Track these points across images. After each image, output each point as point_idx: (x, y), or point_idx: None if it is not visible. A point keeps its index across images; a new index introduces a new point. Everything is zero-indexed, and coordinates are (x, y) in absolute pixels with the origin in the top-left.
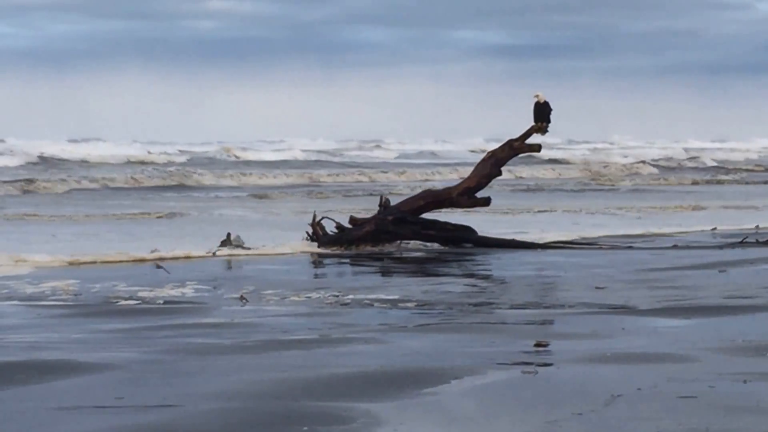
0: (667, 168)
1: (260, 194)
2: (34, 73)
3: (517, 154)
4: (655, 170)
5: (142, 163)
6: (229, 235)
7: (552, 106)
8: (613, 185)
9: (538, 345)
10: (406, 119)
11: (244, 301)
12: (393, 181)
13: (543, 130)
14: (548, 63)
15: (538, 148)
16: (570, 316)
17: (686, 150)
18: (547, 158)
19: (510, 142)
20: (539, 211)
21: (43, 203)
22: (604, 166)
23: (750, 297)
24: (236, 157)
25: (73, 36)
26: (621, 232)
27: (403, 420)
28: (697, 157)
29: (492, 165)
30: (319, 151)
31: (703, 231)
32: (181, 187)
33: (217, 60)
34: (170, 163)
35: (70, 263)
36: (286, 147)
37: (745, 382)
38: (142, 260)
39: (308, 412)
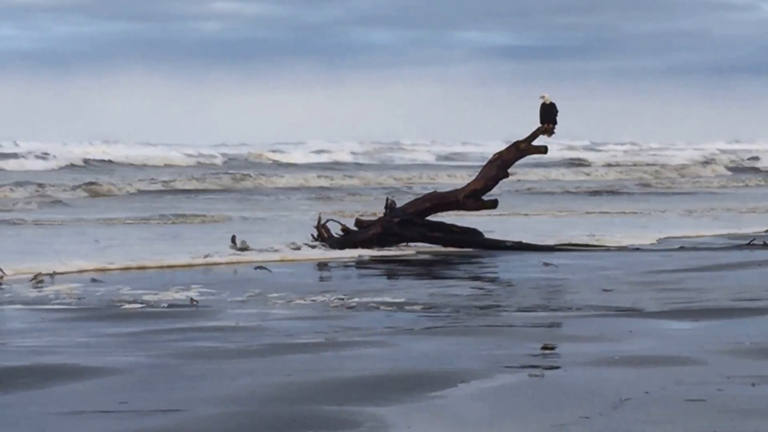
0: (737, 169)
1: (322, 196)
2: (38, 75)
3: (523, 156)
4: (726, 171)
5: (184, 165)
6: (234, 237)
7: (558, 107)
8: (705, 187)
9: (545, 348)
10: (414, 121)
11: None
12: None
13: (549, 131)
14: (554, 64)
15: (544, 149)
16: (577, 318)
17: (699, 150)
18: (602, 163)
19: (516, 144)
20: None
21: (121, 207)
22: (662, 167)
23: (758, 299)
24: (273, 160)
25: (77, 38)
26: None
27: (410, 424)
28: (757, 158)
29: (498, 167)
30: (353, 153)
31: None
32: (245, 190)
33: (223, 62)
34: (212, 166)
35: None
36: (313, 149)
37: (753, 385)
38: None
39: (314, 417)
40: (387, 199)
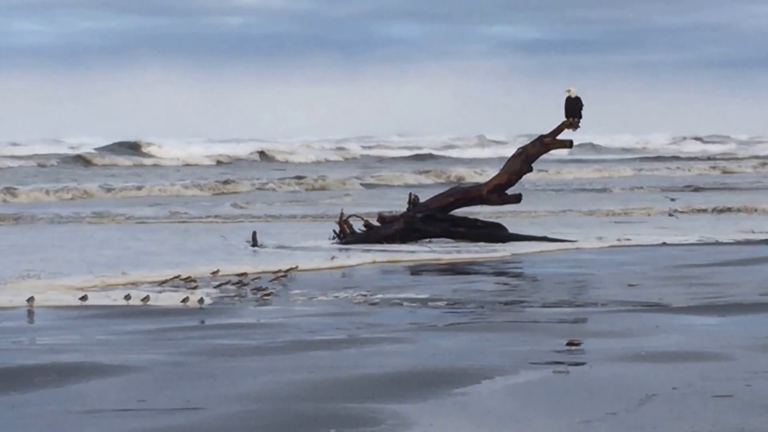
0: None
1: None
2: (59, 70)
3: (548, 150)
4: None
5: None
6: (254, 233)
7: (583, 102)
8: None
9: (570, 344)
10: (440, 114)
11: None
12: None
13: (574, 125)
14: (578, 58)
15: (569, 144)
16: (603, 314)
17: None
18: (655, 155)
19: (541, 138)
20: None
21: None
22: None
23: None
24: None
25: (98, 33)
26: None
27: (433, 421)
28: None
29: (522, 161)
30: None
31: None
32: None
33: (244, 56)
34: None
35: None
36: (376, 144)
37: None
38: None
39: (336, 414)
40: (410, 194)
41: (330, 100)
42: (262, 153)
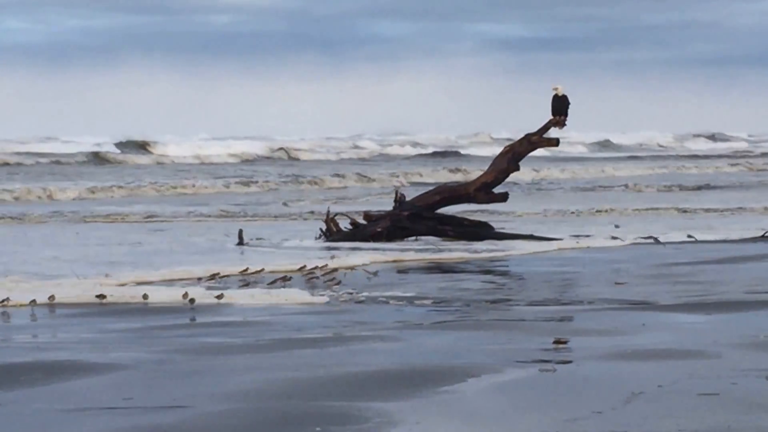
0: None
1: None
2: (45, 69)
3: (535, 149)
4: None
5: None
6: (240, 231)
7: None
8: None
9: (557, 342)
10: (427, 113)
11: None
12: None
13: (561, 123)
14: (566, 56)
15: (556, 142)
16: (589, 312)
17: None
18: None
19: (528, 137)
20: None
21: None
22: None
23: None
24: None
25: (85, 31)
26: None
27: (419, 420)
28: None
29: (509, 160)
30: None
31: None
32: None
33: (230, 55)
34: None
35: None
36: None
37: (767, 378)
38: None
39: (322, 412)
40: (396, 192)
41: (318, 97)
42: (280, 150)
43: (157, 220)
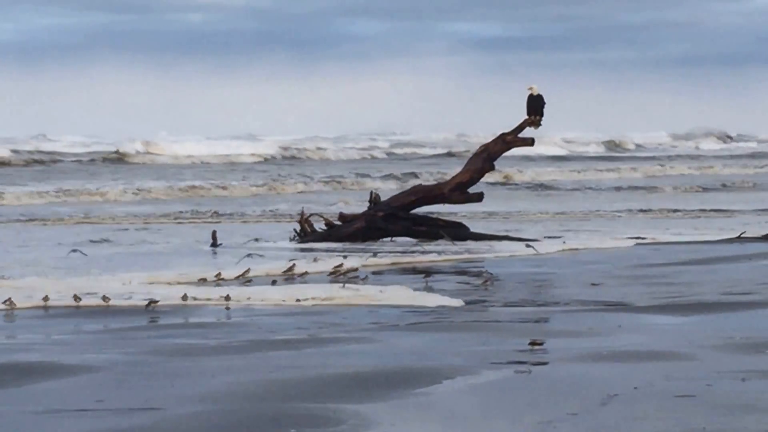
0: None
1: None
2: (15, 68)
3: (510, 148)
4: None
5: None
6: (214, 233)
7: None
8: None
9: (532, 343)
10: (406, 112)
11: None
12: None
13: (536, 123)
14: (540, 55)
15: (531, 142)
16: (565, 313)
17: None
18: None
19: (503, 136)
20: None
21: None
22: None
23: (748, 293)
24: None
25: (57, 30)
26: None
27: (394, 421)
28: None
29: (484, 160)
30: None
31: None
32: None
33: (204, 54)
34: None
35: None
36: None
37: (743, 380)
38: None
39: (296, 414)
40: (371, 192)
41: (290, 96)
42: (285, 149)
43: (135, 221)
